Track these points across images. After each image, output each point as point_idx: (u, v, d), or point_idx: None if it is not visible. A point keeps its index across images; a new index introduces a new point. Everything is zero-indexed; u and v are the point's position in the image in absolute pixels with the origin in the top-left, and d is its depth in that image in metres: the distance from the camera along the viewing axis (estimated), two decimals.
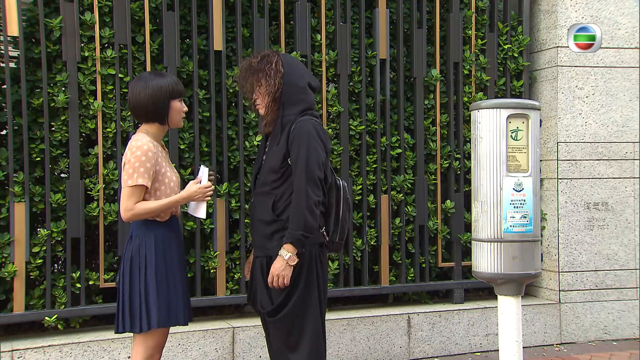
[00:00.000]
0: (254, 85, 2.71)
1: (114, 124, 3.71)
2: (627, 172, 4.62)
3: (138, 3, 3.79)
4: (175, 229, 2.75)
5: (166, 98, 2.65)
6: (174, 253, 2.69)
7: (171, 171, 2.72)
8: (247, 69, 2.74)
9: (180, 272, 2.71)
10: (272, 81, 2.67)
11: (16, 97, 3.58)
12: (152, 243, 2.62)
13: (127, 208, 2.57)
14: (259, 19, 4.02)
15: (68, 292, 3.63)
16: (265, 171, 2.71)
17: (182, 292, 2.70)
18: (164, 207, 2.61)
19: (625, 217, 4.62)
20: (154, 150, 2.60)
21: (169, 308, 2.63)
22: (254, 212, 2.75)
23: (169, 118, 2.69)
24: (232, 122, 4.04)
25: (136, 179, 2.55)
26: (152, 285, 2.59)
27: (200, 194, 2.64)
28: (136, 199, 2.57)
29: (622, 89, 4.61)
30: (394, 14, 4.39)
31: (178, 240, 2.76)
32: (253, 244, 2.82)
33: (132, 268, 2.61)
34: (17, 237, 3.51)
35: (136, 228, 2.68)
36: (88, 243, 3.79)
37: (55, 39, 3.63)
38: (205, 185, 2.64)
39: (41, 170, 3.63)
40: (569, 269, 4.54)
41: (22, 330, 3.72)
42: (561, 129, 4.53)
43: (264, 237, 2.69)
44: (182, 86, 2.76)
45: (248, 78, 2.73)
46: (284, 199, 2.65)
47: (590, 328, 4.57)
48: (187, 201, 2.69)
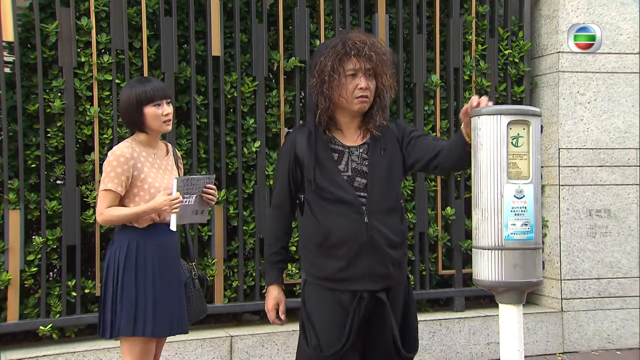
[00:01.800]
0: (391, 77, 2.27)
1: (110, 130, 3.68)
2: (629, 178, 4.58)
3: (135, 8, 3.76)
4: (160, 237, 2.67)
5: (134, 107, 2.62)
6: (154, 261, 2.62)
7: (159, 178, 2.66)
8: (388, 53, 2.27)
9: (163, 281, 2.64)
10: (393, 77, 2.30)
11: (11, 103, 3.55)
12: (126, 249, 2.61)
13: (99, 212, 2.62)
14: (257, 24, 4.00)
15: (63, 301, 3.59)
16: (380, 182, 2.24)
17: (164, 302, 2.62)
18: (131, 215, 2.59)
19: (628, 224, 4.57)
20: (128, 156, 2.59)
21: (136, 316, 2.56)
22: (375, 235, 2.20)
23: (146, 125, 2.65)
24: (231, 128, 4.00)
25: (106, 184, 2.58)
26: (119, 292, 2.58)
27: (167, 206, 2.54)
28: (107, 203, 2.58)
29: (624, 94, 4.57)
30: (394, 19, 4.36)
31: (163, 248, 2.67)
32: (365, 275, 2.22)
33: (108, 272, 2.62)
34: (12, 245, 3.47)
35: (116, 233, 2.72)
36: (84, 251, 3.75)
37: (51, 45, 3.60)
38: (172, 197, 2.55)
39: (36, 177, 3.60)
40: (572, 276, 4.49)
41: (16, 340, 3.67)
42: (563, 135, 4.49)
43: (392, 264, 2.24)
44: (160, 90, 2.66)
45: (389, 65, 2.26)
46: (404, 213, 2.35)
47: (593, 337, 4.52)
48: (155, 211, 2.59)
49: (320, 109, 2.24)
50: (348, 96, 2.21)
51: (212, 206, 3.80)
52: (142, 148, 2.68)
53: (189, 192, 2.62)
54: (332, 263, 2.23)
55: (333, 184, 2.22)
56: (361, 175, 2.25)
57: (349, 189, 2.22)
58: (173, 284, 2.70)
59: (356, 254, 2.20)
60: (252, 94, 4.00)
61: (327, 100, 2.22)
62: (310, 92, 2.28)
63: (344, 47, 2.20)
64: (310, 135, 2.27)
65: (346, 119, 2.29)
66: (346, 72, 2.19)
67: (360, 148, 2.28)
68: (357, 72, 2.20)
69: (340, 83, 2.19)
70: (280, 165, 2.36)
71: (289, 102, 4.13)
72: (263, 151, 3.99)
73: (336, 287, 2.23)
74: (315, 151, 2.26)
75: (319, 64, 2.23)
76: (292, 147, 2.31)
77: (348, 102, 2.22)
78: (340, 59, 2.19)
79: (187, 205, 2.64)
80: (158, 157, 2.73)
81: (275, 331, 3.92)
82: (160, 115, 2.64)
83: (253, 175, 4.01)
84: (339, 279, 2.23)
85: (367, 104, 2.24)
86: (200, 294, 2.88)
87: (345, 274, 2.22)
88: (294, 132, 2.39)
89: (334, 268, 2.23)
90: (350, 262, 2.21)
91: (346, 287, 2.22)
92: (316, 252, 2.27)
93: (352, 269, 2.21)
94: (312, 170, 2.24)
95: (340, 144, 2.28)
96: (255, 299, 4.00)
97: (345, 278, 2.22)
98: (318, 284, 2.27)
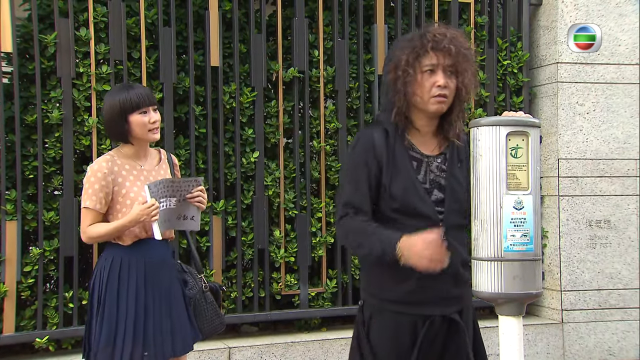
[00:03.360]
0: (473, 76, 2.03)
1: (108, 141, 3.66)
2: (629, 189, 4.57)
3: (134, 19, 3.77)
4: (147, 253, 2.54)
5: (118, 115, 2.49)
6: (138, 279, 2.50)
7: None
8: (471, 49, 2.05)
9: (150, 300, 2.51)
10: (475, 76, 2.06)
11: (9, 114, 3.54)
12: (109, 266, 2.50)
13: (82, 230, 2.54)
14: (256, 35, 4.00)
15: (60, 313, 3.56)
16: (456, 197, 2.03)
17: (149, 323, 2.50)
18: (113, 230, 2.47)
19: (628, 235, 4.55)
20: (106, 172, 2.48)
21: (115, 341, 2.44)
22: (452, 254, 1.92)
23: (131, 134, 2.52)
24: (229, 138, 4.00)
25: (84, 201, 2.50)
26: (95, 310, 2.50)
27: (145, 215, 2.42)
28: (89, 221, 2.50)
29: (623, 105, 4.57)
30: (392, 30, 4.36)
31: (151, 265, 2.55)
32: (439, 298, 2.02)
33: (93, 292, 2.54)
34: (9, 256, 3.45)
35: (104, 250, 2.61)
36: (81, 262, 3.73)
37: (49, 55, 3.60)
38: (147, 205, 2.42)
39: (34, 187, 3.58)
40: (572, 288, 4.46)
41: (12, 352, 3.64)
42: (562, 145, 4.49)
43: (465, 285, 2.03)
44: (146, 96, 2.53)
45: (471, 62, 2.03)
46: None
47: (594, 349, 4.49)
48: (135, 223, 2.46)
49: (397, 107, 2.00)
50: (424, 94, 1.96)
51: (208, 213, 3.80)
52: (126, 160, 2.56)
53: (166, 195, 2.50)
54: (403, 284, 1.99)
55: (410, 194, 1.98)
56: (439, 188, 2.02)
57: (429, 201, 1.99)
58: (164, 302, 2.55)
59: (430, 274, 1.92)
60: (250, 104, 3.99)
61: (403, 98, 1.98)
62: (387, 90, 2.05)
63: (421, 39, 1.97)
64: (389, 137, 2.02)
65: (422, 121, 2.04)
66: (423, 67, 1.96)
67: (438, 158, 2.05)
68: (435, 68, 1.95)
69: (415, 79, 1.96)
70: (358, 164, 2.02)
71: (287, 113, 4.13)
72: (262, 161, 3.99)
73: (406, 310, 2.01)
74: (394, 154, 2.01)
75: (395, 58, 2.00)
76: (372, 145, 2.02)
77: (424, 102, 1.98)
78: (417, 53, 1.96)
79: (167, 209, 2.52)
80: (147, 168, 2.61)
81: (274, 342, 3.89)
82: (147, 123, 2.51)
83: (252, 185, 4.00)
84: (410, 302, 2.00)
85: (445, 104, 1.98)
86: (214, 306, 2.73)
87: (418, 296, 1.99)
88: (369, 130, 2.09)
89: (405, 290, 1.99)
90: (424, 284, 1.97)
91: (417, 311, 2.00)
92: (384, 270, 2.01)
93: (426, 291, 1.99)
94: (389, 176, 1.99)
95: (418, 152, 2.04)
96: (253, 310, 3.97)
97: (417, 301, 2.00)
98: (382, 306, 2.04)
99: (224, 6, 3.96)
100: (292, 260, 4.03)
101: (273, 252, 4.00)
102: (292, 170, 4.08)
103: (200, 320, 2.68)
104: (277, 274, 4.02)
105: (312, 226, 4.09)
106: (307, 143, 4.09)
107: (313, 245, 4.08)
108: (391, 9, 4.42)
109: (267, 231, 4.00)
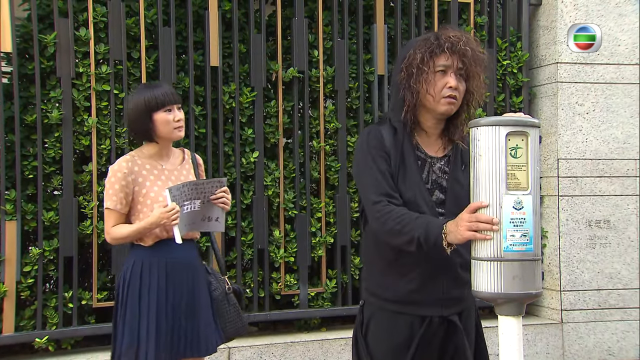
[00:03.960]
0: (482, 81, 2.06)
1: (108, 141, 3.67)
2: (629, 189, 4.57)
3: (134, 19, 3.77)
4: (168, 254, 2.52)
5: (143, 114, 2.49)
6: (160, 281, 2.49)
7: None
8: (483, 54, 2.07)
9: (170, 302, 2.49)
10: (484, 82, 2.06)
11: (9, 114, 3.54)
12: (131, 269, 2.51)
13: (106, 231, 2.54)
14: (255, 35, 4.00)
15: (60, 312, 3.56)
16: (458, 199, 2.03)
17: (172, 324, 2.49)
18: (135, 232, 2.47)
19: (627, 235, 4.55)
20: (126, 172, 2.48)
21: (138, 338, 2.44)
22: (452, 255, 1.91)
23: (156, 133, 2.52)
24: (229, 138, 3.99)
25: (106, 202, 2.50)
26: (121, 312, 2.50)
27: (165, 218, 2.41)
28: (112, 222, 2.50)
29: (622, 105, 4.57)
30: (392, 30, 4.36)
31: (172, 266, 2.53)
32: (438, 299, 2.03)
33: (117, 296, 2.54)
34: (8, 256, 3.45)
35: (128, 252, 2.62)
36: (81, 262, 3.73)
37: (49, 55, 3.60)
38: (167, 209, 2.41)
39: (34, 187, 3.58)
40: (571, 288, 4.46)
41: (11, 353, 3.64)
42: (561, 145, 4.49)
43: (465, 286, 2.00)
44: (171, 94, 2.55)
45: (483, 67, 2.05)
46: None
47: (593, 349, 4.49)
48: (156, 226, 2.45)
49: (407, 105, 2.00)
50: (436, 94, 1.97)
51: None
52: (147, 160, 2.56)
53: (190, 198, 2.47)
54: (403, 284, 2.01)
55: (416, 193, 1.99)
56: (440, 189, 2.04)
57: (430, 201, 2.01)
58: (187, 303, 2.53)
59: (431, 275, 1.99)
60: (250, 104, 3.99)
61: (415, 96, 1.99)
62: (397, 88, 2.05)
63: (437, 39, 1.99)
64: (397, 135, 2.03)
65: (430, 122, 2.05)
66: (436, 67, 1.97)
67: (441, 160, 2.07)
68: (448, 69, 1.98)
69: (428, 78, 1.97)
70: (376, 156, 2.00)
71: (287, 113, 4.12)
72: (261, 161, 3.98)
73: (405, 310, 2.02)
74: (402, 152, 2.02)
75: (409, 57, 2.01)
76: (381, 140, 2.03)
77: (435, 101, 1.98)
78: (432, 52, 1.97)
79: (191, 212, 2.50)
80: (169, 168, 2.60)
81: (274, 342, 3.89)
82: (172, 121, 2.51)
83: (251, 185, 4.00)
84: (409, 302, 2.01)
85: (454, 106, 2.00)
86: (237, 308, 2.71)
87: (417, 296, 2.00)
88: (376, 127, 2.10)
89: (405, 289, 2.01)
90: (424, 284, 2.00)
91: (416, 312, 2.01)
92: (385, 270, 2.05)
93: (425, 292, 2.00)
94: (398, 173, 2.00)
95: (423, 152, 2.06)
96: (253, 310, 3.97)
97: (417, 301, 2.01)
98: (382, 306, 2.05)
99: (223, 6, 3.96)
100: (291, 260, 4.02)
101: (273, 252, 4.00)
102: (291, 170, 4.08)
103: (222, 322, 2.64)
104: (277, 274, 4.02)
105: (312, 226, 4.09)
106: (307, 143, 4.09)
107: (313, 245, 4.08)
108: (391, 9, 4.42)
109: (267, 231, 4.00)
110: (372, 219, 2.00)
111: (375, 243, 2.09)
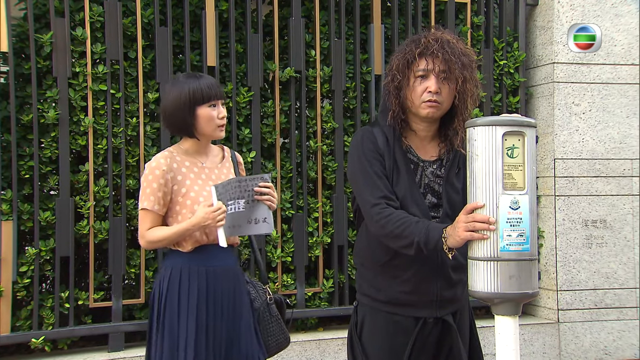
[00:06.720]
0: (472, 82, 2.01)
1: (105, 141, 3.66)
2: (625, 189, 4.58)
3: (130, 18, 3.76)
4: (208, 261, 2.30)
5: (186, 106, 2.25)
6: (200, 290, 2.27)
7: (207, 190, 2.30)
8: (468, 55, 2.02)
9: (211, 313, 2.28)
10: (475, 82, 2.02)
11: (5, 113, 3.53)
12: (168, 278, 2.28)
13: (140, 234, 2.30)
14: (252, 35, 4.00)
15: (56, 313, 3.55)
16: (451, 202, 2.04)
17: (211, 337, 2.28)
18: (173, 235, 2.24)
19: (624, 234, 4.56)
20: (164, 169, 2.25)
21: (177, 351, 2.24)
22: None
23: (197, 129, 2.30)
24: (226, 138, 3.98)
25: (142, 202, 2.27)
26: (155, 324, 2.30)
27: (210, 219, 2.18)
28: (148, 224, 2.27)
29: (619, 105, 4.58)
30: (389, 30, 4.37)
31: (213, 274, 2.30)
32: (432, 301, 2.04)
33: (153, 306, 2.32)
34: (4, 256, 3.44)
35: (164, 259, 2.42)
36: (77, 262, 3.72)
37: (45, 55, 3.59)
38: (213, 209, 2.17)
39: (30, 187, 3.57)
40: (568, 287, 4.47)
41: (8, 353, 3.63)
42: (558, 145, 4.49)
43: (458, 286, 2.07)
44: (216, 88, 2.33)
45: (469, 68, 1.99)
46: None
47: (590, 348, 4.50)
48: (198, 228, 2.22)
49: (392, 111, 2.01)
50: (415, 99, 1.97)
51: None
52: (186, 157, 2.34)
53: (234, 197, 2.25)
54: (396, 285, 2.02)
55: (409, 196, 1.99)
56: (432, 193, 2.04)
57: (423, 205, 1.99)
58: (228, 314, 2.33)
59: (424, 277, 2.00)
60: (247, 104, 3.99)
61: (396, 101, 1.99)
62: (384, 93, 2.07)
63: (412, 45, 1.98)
64: (388, 137, 2.02)
65: (419, 125, 2.05)
66: (416, 72, 1.96)
67: (434, 164, 2.06)
68: (428, 73, 1.95)
69: (409, 84, 1.97)
70: (372, 158, 2.00)
71: (284, 112, 4.12)
72: (258, 161, 3.98)
73: (398, 311, 2.02)
74: (394, 155, 2.00)
75: (391, 62, 2.02)
76: (375, 142, 2.02)
77: (415, 106, 1.98)
78: (406, 59, 1.96)
79: (236, 212, 2.27)
80: (209, 166, 2.39)
81: None
82: (216, 117, 2.30)
83: None
84: (402, 303, 2.02)
85: (436, 109, 1.98)
86: (279, 321, 2.52)
87: (411, 298, 2.01)
88: (369, 128, 2.09)
89: (398, 291, 2.01)
90: (417, 286, 2.00)
91: (410, 313, 2.02)
92: (378, 271, 2.04)
93: (418, 293, 2.01)
94: (392, 175, 1.99)
95: (415, 156, 2.05)
96: None
97: (410, 303, 2.02)
98: (375, 307, 2.05)
99: (220, 6, 3.96)
100: (288, 260, 4.02)
101: (270, 252, 3.99)
102: (288, 170, 4.08)
103: (264, 335, 2.45)
104: (274, 273, 4.02)
105: (309, 226, 4.09)
106: (304, 143, 4.09)
107: (310, 245, 4.08)
108: (388, 9, 4.42)
109: None
110: (371, 222, 1.98)
111: (368, 244, 2.09)
